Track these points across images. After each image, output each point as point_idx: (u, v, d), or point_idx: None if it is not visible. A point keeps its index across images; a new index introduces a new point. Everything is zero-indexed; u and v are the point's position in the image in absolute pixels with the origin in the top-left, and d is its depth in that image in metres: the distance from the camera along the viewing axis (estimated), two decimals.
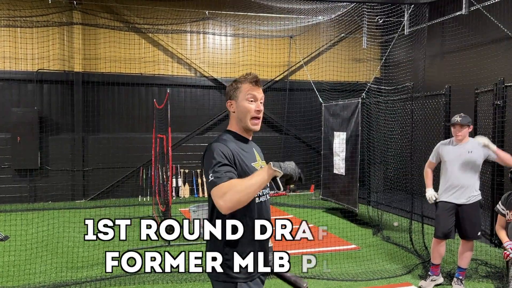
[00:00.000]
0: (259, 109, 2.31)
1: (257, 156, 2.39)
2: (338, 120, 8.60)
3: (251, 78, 2.31)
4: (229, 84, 2.38)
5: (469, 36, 8.06)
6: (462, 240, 4.85)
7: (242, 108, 2.28)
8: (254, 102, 2.29)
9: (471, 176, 4.67)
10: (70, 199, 10.44)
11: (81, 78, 10.48)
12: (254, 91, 2.30)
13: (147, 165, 10.84)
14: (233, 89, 2.33)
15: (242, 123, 2.31)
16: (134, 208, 9.61)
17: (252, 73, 2.36)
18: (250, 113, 2.28)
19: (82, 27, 10.41)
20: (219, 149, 2.14)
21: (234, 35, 11.51)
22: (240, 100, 2.29)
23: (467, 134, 4.71)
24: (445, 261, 5.65)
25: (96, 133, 10.71)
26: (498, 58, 8.01)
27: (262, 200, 2.32)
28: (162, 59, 11.15)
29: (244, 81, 2.31)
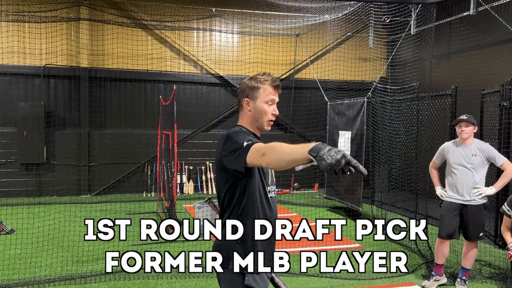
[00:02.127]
0: (275, 113, 2.33)
1: None
2: (343, 119, 8.60)
3: (272, 81, 2.30)
4: (248, 80, 2.34)
5: (476, 36, 8.04)
6: (466, 241, 4.86)
7: (260, 110, 2.28)
8: (272, 105, 2.31)
9: (475, 178, 4.67)
10: (75, 194, 10.51)
11: (87, 73, 10.53)
12: (274, 95, 2.31)
13: (152, 161, 10.89)
14: (252, 88, 2.30)
15: (257, 123, 2.31)
16: (139, 203, 9.66)
17: (274, 76, 2.36)
18: (267, 116, 2.29)
19: (89, 23, 10.46)
20: (243, 132, 2.17)
21: (241, 32, 11.53)
22: (259, 101, 2.28)
23: (472, 134, 4.70)
24: (449, 261, 5.65)
25: (102, 128, 10.76)
26: (505, 59, 7.98)
27: (272, 196, 2.36)
28: (168, 55, 11.18)
29: (265, 82, 2.29)
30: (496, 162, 4.64)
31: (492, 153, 4.65)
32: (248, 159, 1.94)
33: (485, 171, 4.71)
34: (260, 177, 2.27)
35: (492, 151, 4.67)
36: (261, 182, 2.27)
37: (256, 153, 1.90)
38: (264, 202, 2.27)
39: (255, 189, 2.23)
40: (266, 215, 2.28)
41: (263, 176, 2.30)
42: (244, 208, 2.21)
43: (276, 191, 2.46)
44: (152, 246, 6.39)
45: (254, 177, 2.22)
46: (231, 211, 2.23)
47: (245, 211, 2.20)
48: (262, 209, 2.26)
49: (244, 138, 2.04)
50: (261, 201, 2.26)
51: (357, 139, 7.97)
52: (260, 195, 2.26)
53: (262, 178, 2.29)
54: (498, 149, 6.70)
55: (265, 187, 2.30)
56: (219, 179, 2.27)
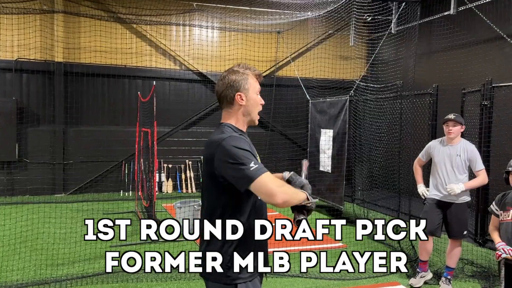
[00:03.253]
0: (263, 103, 2.26)
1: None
2: (325, 117, 8.55)
3: (253, 70, 2.22)
4: (231, 75, 2.15)
5: (457, 36, 8.10)
6: (450, 240, 4.87)
7: (253, 101, 2.18)
8: (258, 95, 2.23)
9: (460, 177, 4.69)
10: (49, 193, 10.14)
11: (62, 68, 10.16)
12: (258, 84, 2.24)
13: (129, 159, 10.62)
14: (242, 80, 2.14)
15: (250, 116, 2.19)
16: (116, 203, 9.38)
17: (250, 66, 2.25)
18: (259, 107, 2.22)
19: (64, 15, 10.08)
20: (243, 144, 2.00)
21: (221, 28, 11.34)
22: (251, 92, 2.17)
23: (459, 134, 4.73)
24: (431, 260, 5.65)
25: (78, 125, 10.42)
26: (486, 58, 8.06)
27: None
28: (147, 51, 10.91)
29: (249, 73, 2.19)
30: (475, 166, 4.67)
31: (474, 156, 4.68)
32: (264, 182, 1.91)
33: (467, 172, 4.73)
34: None
35: (474, 154, 4.69)
36: None
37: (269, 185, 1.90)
38: (255, 205, 2.13)
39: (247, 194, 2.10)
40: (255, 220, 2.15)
41: None
42: (238, 209, 2.08)
43: None
44: (131, 247, 6.18)
45: None
46: (225, 212, 2.08)
47: (240, 212, 2.08)
48: (253, 211, 2.12)
49: (250, 156, 1.96)
50: (253, 204, 2.12)
51: (339, 138, 7.92)
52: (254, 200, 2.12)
53: None
54: (478, 148, 6.78)
55: None
56: (208, 182, 2.12)
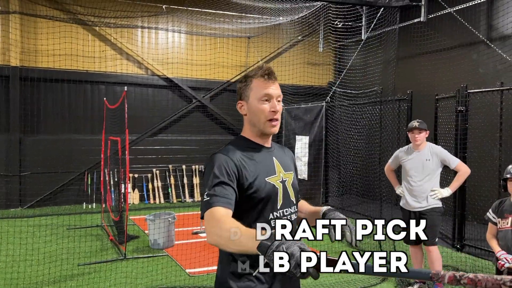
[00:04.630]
0: (274, 110, 1.89)
1: (278, 167, 1.96)
2: (300, 124, 8.41)
3: (262, 71, 1.90)
4: (239, 81, 1.99)
5: (429, 42, 8.19)
6: (426, 248, 4.79)
7: (255, 110, 1.89)
8: (268, 102, 1.89)
9: (431, 183, 4.70)
10: (4, 207, 9.35)
11: (18, 73, 9.46)
12: (267, 88, 1.89)
13: (92, 169, 10.02)
14: (244, 87, 1.94)
15: (255, 127, 1.92)
16: (79, 216, 8.79)
17: (264, 65, 1.95)
18: (264, 115, 1.88)
19: (20, 17, 9.40)
20: (221, 163, 1.79)
21: (190, 32, 11.01)
22: (251, 100, 1.90)
23: (424, 139, 4.76)
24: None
25: (35, 134, 9.71)
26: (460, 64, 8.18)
27: None
28: (110, 55, 10.38)
29: (255, 75, 1.91)
30: (450, 164, 4.71)
31: (446, 156, 4.73)
32: (204, 219, 1.69)
33: (439, 174, 4.77)
34: (261, 202, 1.84)
35: (445, 154, 4.75)
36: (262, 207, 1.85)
37: (207, 223, 1.66)
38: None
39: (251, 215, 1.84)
40: None
41: (268, 199, 1.86)
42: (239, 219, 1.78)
43: (295, 213, 2.00)
44: (100, 265, 5.71)
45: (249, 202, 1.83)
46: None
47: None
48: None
49: (212, 180, 1.74)
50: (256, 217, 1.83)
51: (316, 144, 7.80)
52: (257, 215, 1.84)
53: (267, 202, 1.86)
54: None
55: (269, 213, 1.86)
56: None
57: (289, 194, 1.96)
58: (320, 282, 5.21)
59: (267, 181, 1.87)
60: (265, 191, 1.84)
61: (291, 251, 1.31)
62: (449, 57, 8.33)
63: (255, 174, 1.84)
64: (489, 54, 7.66)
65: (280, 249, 1.32)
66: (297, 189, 2.04)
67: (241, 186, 1.79)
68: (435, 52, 8.52)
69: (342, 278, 5.38)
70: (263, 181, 1.85)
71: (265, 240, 1.38)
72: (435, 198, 4.66)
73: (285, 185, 1.94)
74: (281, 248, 1.32)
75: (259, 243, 1.38)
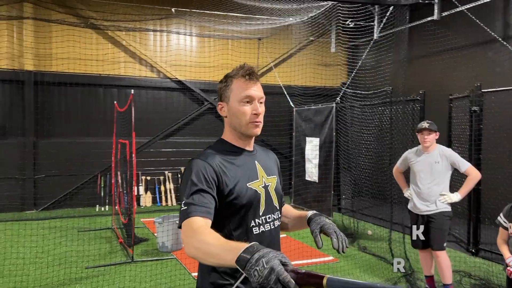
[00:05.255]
0: (256, 112, 1.79)
1: (260, 172, 1.87)
2: (310, 125, 8.30)
3: (243, 71, 1.81)
4: (220, 81, 1.89)
5: (442, 41, 7.99)
6: (434, 253, 4.63)
7: (235, 112, 1.80)
8: (250, 104, 1.80)
9: (440, 186, 4.56)
10: (19, 210, 9.50)
11: (32, 77, 9.61)
12: (248, 89, 1.79)
13: (105, 172, 10.10)
14: (224, 87, 1.84)
15: (236, 130, 1.84)
16: (92, 218, 8.88)
17: (246, 65, 1.85)
18: (245, 118, 1.79)
19: (34, 22, 9.55)
20: (199, 169, 1.70)
21: (200, 35, 11.01)
22: (232, 101, 1.81)
23: (434, 141, 4.61)
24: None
25: (49, 137, 9.85)
26: (474, 63, 7.96)
27: (264, 230, 1.82)
28: (122, 58, 10.46)
29: (235, 75, 1.81)
30: (460, 168, 4.55)
31: (456, 158, 4.58)
32: (181, 229, 1.62)
33: (449, 177, 4.63)
34: (242, 209, 1.76)
35: (455, 157, 4.60)
36: (244, 214, 1.77)
37: (184, 234, 1.58)
38: (246, 239, 1.74)
39: (231, 222, 1.76)
40: None
41: (250, 205, 1.78)
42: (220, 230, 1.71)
43: (279, 219, 1.93)
44: (108, 268, 5.72)
45: (230, 209, 1.75)
46: None
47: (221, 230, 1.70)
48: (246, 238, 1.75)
49: (190, 187, 1.66)
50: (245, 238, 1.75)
51: (326, 146, 7.68)
52: (240, 231, 1.77)
53: (248, 209, 1.78)
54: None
55: (251, 219, 1.78)
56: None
57: (272, 200, 1.88)
58: None
59: (249, 186, 1.80)
60: (246, 197, 1.77)
61: (271, 265, 1.25)
62: (463, 56, 8.11)
63: (235, 179, 1.77)
64: (505, 53, 7.43)
65: (260, 263, 1.25)
66: (280, 194, 1.97)
67: (221, 192, 1.72)
68: (448, 51, 8.31)
69: None
70: (244, 186, 1.78)
71: (244, 253, 1.31)
72: (444, 202, 4.52)
73: (267, 190, 1.87)
74: (260, 262, 1.26)
75: (238, 256, 1.32)
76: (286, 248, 6.51)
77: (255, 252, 1.29)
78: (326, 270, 5.78)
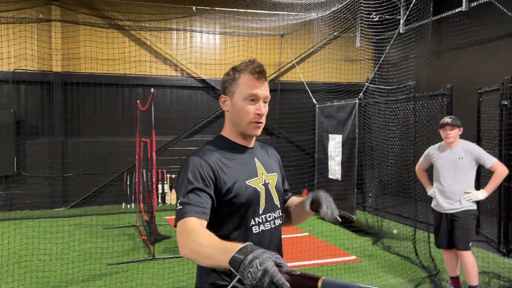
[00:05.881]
0: (260, 113, 1.73)
1: (260, 169, 1.81)
2: (333, 122, 8.15)
3: (253, 68, 1.73)
4: (226, 73, 1.81)
5: (470, 32, 7.69)
6: (459, 253, 4.44)
7: (238, 109, 1.74)
8: (255, 102, 1.73)
9: (464, 184, 4.37)
10: (49, 207, 9.80)
11: (60, 78, 9.87)
12: (255, 88, 1.72)
13: (131, 170, 10.26)
14: (230, 81, 1.76)
15: (237, 127, 1.78)
16: (117, 216, 9.04)
17: (256, 61, 1.76)
18: (248, 117, 1.73)
19: (61, 24, 9.81)
20: (196, 167, 1.65)
21: (222, 33, 11.02)
22: (236, 97, 1.74)
23: (457, 137, 4.42)
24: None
25: (77, 136, 10.10)
26: (504, 56, 7.63)
27: (264, 229, 1.76)
28: (146, 58, 10.60)
29: (244, 70, 1.74)
30: (485, 163, 4.35)
31: (480, 154, 4.38)
32: (176, 230, 1.58)
33: (473, 174, 4.44)
34: (241, 207, 1.71)
35: (480, 152, 4.41)
36: (243, 213, 1.71)
37: (178, 234, 1.54)
38: (249, 239, 1.66)
39: (230, 221, 1.71)
40: None
41: (250, 204, 1.72)
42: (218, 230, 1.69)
43: (280, 218, 1.86)
44: (129, 265, 5.80)
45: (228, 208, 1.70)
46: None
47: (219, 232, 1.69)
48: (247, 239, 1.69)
49: (186, 186, 1.61)
50: (245, 238, 1.69)
51: (349, 143, 7.52)
52: (239, 231, 1.71)
53: (248, 207, 1.72)
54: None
55: (250, 218, 1.72)
56: None
57: (272, 198, 1.82)
58: None
59: (248, 184, 1.74)
60: (246, 195, 1.71)
61: (265, 267, 1.20)
62: (492, 48, 7.79)
63: (234, 177, 1.71)
64: None
65: (254, 264, 1.21)
66: (281, 192, 1.90)
67: (219, 191, 1.67)
68: (477, 43, 7.99)
69: (372, 282, 5.14)
70: (243, 184, 1.72)
71: (238, 253, 1.27)
72: (469, 201, 4.33)
73: (268, 188, 1.81)
74: (254, 264, 1.21)
75: (231, 257, 1.27)
76: (308, 246, 6.43)
77: (248, 253, 1.25)
78: (348, 270, 5.66)
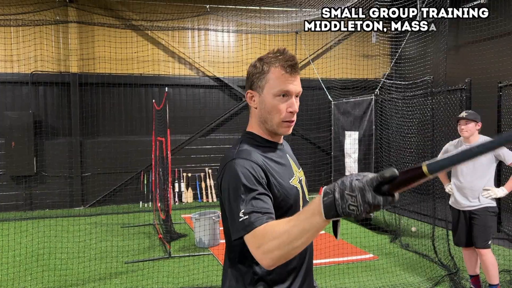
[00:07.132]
0: (292, 110, 1.57)
1: (294, 166, 1.70)
2: (349, 119, 8.06)
3: (284, 61, 1.54)
4: (253, 63, 1.64)
5: (490, 25, 7.50)
6: (478, 251, 4.32)
7: (268, 107, 1.57)
8: (287, 99, 1.57)
9: (483, 180, 4.25)
10: (68, 206, 9.96)
11: (77, 79, 10.01)
12: (288, 83, 1.55)
13: (148, 169, 10.35)
14: (258, 75, 1.58)
15: (267, 125, 1.61)
16: (135, 214, 9.13)
17: (287, 52, 1.58)
18: (279, 116, 1.57)
19: (77, 25, 9.94)
20: (247, 170, 1.46)
21: (237, 31, 11.00)
22: (266, 93, 1.57)
23: (474, 131, 4.26)
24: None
25: (95, 136, 10.23)
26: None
27: None
28: (162, 58, 10.66)
29: (274, 63, 1.56)
30: (506, 160, 4.20)
31: (500, 149, 4.18)
32: (247, 243, 1.35)
33: (493, 171, 4.29)
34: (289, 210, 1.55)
35: (500, 148, 4.19)
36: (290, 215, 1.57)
37: (253, 246, 1.32)
38: None
39: None
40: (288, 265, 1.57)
41: (296, 205, 1.60)
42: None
43: None
44: (145, 263, 5.84)
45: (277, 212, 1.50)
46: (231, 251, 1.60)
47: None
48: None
49: (245, 194, 1.40)
50: None
51: (365, 140, 7.43)
52: None
53: (294, 209, 1.58)
54: None
55: None
56: (222, 212, 1.59)
57: (305, 195, 1.71)
58: (364, 285, 4.94)
59: (292, 184, 1.60)
60: (292, 196, 1.57)
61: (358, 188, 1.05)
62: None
63: (280, 178, 1.56)
64: None
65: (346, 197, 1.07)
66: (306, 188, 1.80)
67: (269, 194, 1.48)
68: (496, 36, 7.79)
69: (389, 281, 5.06)
70: (289, 185, 1.58)
71: (325, 204, 1.11)
72: (488, 198, 4.22)
73: (302, 185, 1.69)
74: (346, 197, 1.07)
75: (323, 212, 1.11)
76: (325, 244, 6.37)
77: (332, 194, 1.10)
78: (365, 268, 5.59)
